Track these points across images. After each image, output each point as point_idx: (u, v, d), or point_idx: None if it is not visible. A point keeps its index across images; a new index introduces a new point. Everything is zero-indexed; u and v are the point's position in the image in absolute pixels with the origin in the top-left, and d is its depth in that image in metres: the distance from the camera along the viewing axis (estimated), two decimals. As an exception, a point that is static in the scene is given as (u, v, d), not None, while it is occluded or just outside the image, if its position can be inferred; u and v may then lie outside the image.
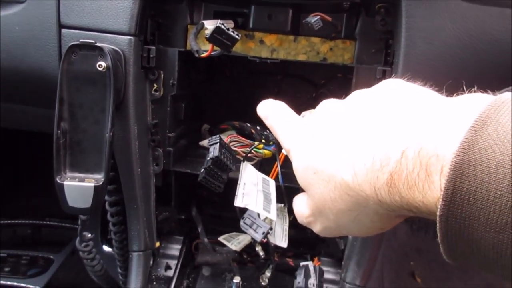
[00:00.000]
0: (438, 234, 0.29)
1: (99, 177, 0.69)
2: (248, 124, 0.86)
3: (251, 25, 0.78)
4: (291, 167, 0.85)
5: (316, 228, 0.45)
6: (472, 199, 0.26)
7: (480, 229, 0.26)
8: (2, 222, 1.49)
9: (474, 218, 0.26)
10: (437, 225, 0.29)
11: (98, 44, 0.68)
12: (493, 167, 0.25)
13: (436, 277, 1.58)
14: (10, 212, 1.55)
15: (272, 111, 0.52)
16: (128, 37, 0.71)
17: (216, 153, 0.72)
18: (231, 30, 0.70)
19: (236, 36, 0.71)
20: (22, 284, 1.18)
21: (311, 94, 1.05)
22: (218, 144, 0.73)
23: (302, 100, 1.03)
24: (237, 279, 0.57)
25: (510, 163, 0.25)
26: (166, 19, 0.79)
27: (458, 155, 0.27)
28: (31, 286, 1.18)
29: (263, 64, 0.82)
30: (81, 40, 0.68)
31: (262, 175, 0.76)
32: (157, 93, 0.79)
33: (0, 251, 1.30)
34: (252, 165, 0.78)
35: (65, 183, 0.67)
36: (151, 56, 0.75)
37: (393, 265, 1.56)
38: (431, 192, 0.29)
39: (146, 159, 0.79)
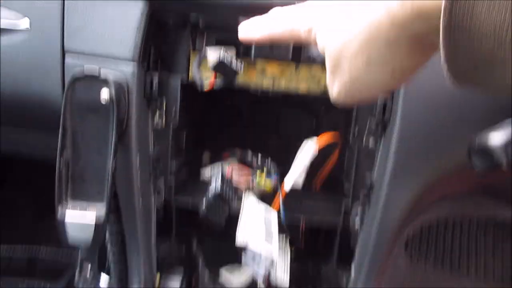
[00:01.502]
0: (441, 34, 0.27)
1: (101, 207, 0.69)
2: (250, 152, 0.86)
3: (253, 54, 0.79)
4: (294, 197, 0.85)
5: (334, 90, 0.39)
6: None
7: (483, 12, 0.25)
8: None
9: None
10: (441, 20, 0.27)
11: (102, 74, 0.68)
12: None
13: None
14: (6, 240, 1.53)
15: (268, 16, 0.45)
16: (132, 63, 0.72)
17: (218, 188, 0.72)
18: (233, 63, 0.71)
19: (239, 69, 0.72)
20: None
21: (312, 124, 1.06)
22: (220, 177, 0.73)
23: (303, 130, 1.04)
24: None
25: None
26: (168, 46, 0.79)
27: None
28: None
29: (264, 93, 0.83)
30: (85, 71, 0.69)
31: (264, 206, 0.76)
32: (160, 123, 0.80)
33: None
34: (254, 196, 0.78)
35: (67, 219, 0.66)
36: (154, 83, 0.76)
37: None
38: None
39: (147, 190, 0.79)
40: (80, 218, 0.66)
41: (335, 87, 0.39)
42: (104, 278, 1.17)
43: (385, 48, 0.33)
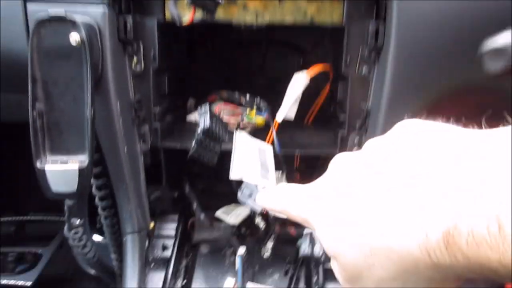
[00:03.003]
0: None
1: (83, 158, 0.64)
2: (237, 92, 0.82)
3: (233, -12, 0.73)
4: (287, 132, 0.82)
5: None
6: None
7: None
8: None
9: None
10: None
11: (69, 16, 0.62)
12: None
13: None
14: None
15: (275, 195, 0.43)
16: (101, 5, 0.66)
17: (207, 123, 0.68)
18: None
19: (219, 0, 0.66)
20: (12, 282, 1.13)
21: (299, 62, 1.01)
22: (208, 113, 0.69)
23: (289, 69, 0.99)
24: (241, 251, 0.54)
25: None
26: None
27: None
28: (21, 282, 1.13)
29: (247, 32, 0.77)
30: (50, 14, 0.62)
31: (257, 142, 0.72)
32: (138, 67, 0.74)
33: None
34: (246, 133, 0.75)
35: (47, 167, 0.63)
36: (128, 27, 0.70)
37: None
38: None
39: (131, 137, 0.75)
40: (61, 167, 0.62)
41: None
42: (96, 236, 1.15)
43: (428, 282, 0.29)
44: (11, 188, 1.46)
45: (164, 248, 0.84)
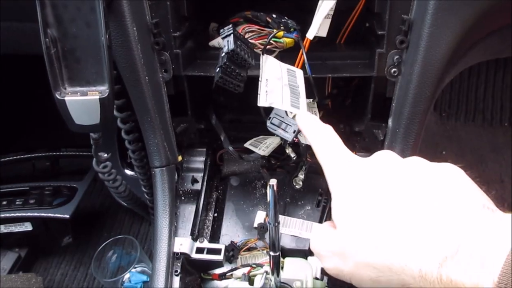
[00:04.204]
0: None
1: (103, 88, 0.61)
2: (262, 13, 0.74)
3: None
4: (318, 55, 0.75)
5: None
6: None
7: None
8: (19, 156, 1.46)
9: None
10: None
11: None
12: None
13: (470, 162, 1.54)
14: (26, 145, 1.52)
15: (320, 137, 0.49)
16: None
17: (232, 46, 0.62)
18: None
19: None
20: (50, 214, 1.17)
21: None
22: (232, 35, 0.62)
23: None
24: (273, 182, 0.51)
25: None
26: None
27: None
28: (60, 215, 1.17)
29: None
30: None
31: (286, 66, 0.66)
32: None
33: (23, 185, 1.28)
34: (274, 57, 0.68)
35: (67, 98, 0.60)
36: None
37: (425, 156, 1.50)
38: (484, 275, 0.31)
39: (152, 65, 0.70)
40: (82, 98, 0.59)
41: None
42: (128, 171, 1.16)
43: None
44: (43, 124, 1.47)
45: (194, 181, 0.82)
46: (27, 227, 1.21)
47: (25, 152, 1.48)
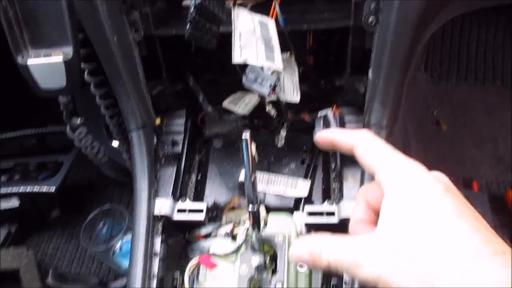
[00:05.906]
0: None
1: (68, 50, 0.58)
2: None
3: None
4: (295, 8, 0.72)
5: None
6: None
7: None
8: (5, 136, 1.43)
9: None
10: None
11: None
12: None
13: (462, 123, 1.53)
14: (12, 123, 1.48)
15: (359, 140, 0.45)
16: None
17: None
18: None
19: None
20: (36, 189, 1.16)
21: None
22: (200, -11, 0.60)
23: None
24: (246, 135, 0.49)
25: None
26: None
27: None
28: (46, 188, 1.15)
29: None
30: None
31: (258, 18, 0.64)
32: None
33: (8, 162, 1.26)
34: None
35: (29, 62, 0.57)
36: None
37: (416, 116, 1.49)
38: None
39: (121, 26, 0.67)
40: (45, 60, 0.56)
41: None
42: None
43: None
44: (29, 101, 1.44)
45: (174, 143, 0.81)
46: (14, 203, 1.20)
47: (11, 130, 1.45)
